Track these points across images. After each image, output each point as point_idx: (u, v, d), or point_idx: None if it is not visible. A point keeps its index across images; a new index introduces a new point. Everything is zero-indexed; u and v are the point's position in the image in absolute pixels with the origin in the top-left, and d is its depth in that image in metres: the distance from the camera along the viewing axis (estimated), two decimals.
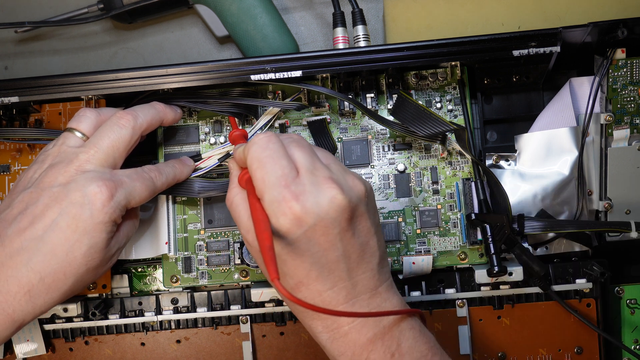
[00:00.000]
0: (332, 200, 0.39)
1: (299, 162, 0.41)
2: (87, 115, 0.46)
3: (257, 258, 0.43)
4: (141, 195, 0.45)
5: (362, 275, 0.41)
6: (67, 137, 0.45)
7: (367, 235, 0.42)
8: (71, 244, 0.41)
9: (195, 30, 0.62)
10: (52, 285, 0.41)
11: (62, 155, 0.44)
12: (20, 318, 0.41)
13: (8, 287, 0.40)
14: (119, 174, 0.44)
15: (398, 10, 0.57)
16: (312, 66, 0.48)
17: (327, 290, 0.41)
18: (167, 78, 0.49)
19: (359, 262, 0.41)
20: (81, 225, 0.41)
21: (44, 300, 0.41)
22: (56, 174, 0.43)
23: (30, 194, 0.43)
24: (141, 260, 0.54)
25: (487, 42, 0.48)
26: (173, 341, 0.54)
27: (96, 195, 0.42)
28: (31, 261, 0.41)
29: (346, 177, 0.42)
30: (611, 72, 0.50)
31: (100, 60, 0.62)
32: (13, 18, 0.63)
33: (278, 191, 0.39)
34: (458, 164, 0.52)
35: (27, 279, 0.41)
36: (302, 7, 0.62)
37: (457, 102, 0.53)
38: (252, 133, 0.52)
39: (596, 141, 0.50)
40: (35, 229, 0.41)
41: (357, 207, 0.41)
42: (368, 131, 0.53)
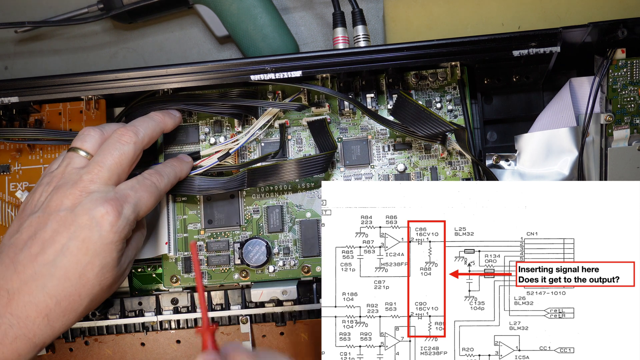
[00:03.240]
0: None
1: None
2: (90, 134, 0.46)
3: None
4: (147, 204, 0.45)
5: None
6: (72, 157, 0.45)
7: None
8: (83, 267, 0.42)
9: (195, 30, 0.62)
10: (69, 307, 0.42)
11: (67, 176, 0.44)
12: (40, 342, 0.42)
13: (27, 313, 0.41)
14: (122, 189, 0.44)
15: (398, 10, 0.57)
16: (312, 66, 0.48)
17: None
18: (167, 78, 0.49)
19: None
20: (92, 247, 0.42)
21: (62, 322, 0.42)
22: (62, 197, 0.43)
23: (38, 219, 0.43)
24: (141, 260, 0.54)
25: (487, 42, 0.48)
26: (173, 341, 0.54)
27: (103, 217, 0.42)
28: (46, 287, 0.41)
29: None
30: (611, 72, 0.50)
31: (100, 60, 0.62)
32: (13, 18, 0.63)
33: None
34: (458, 164, 0.52)
35: (44, 303, 0.41)
36: (302, 7, 0.62)
37: (457, 102, 0.53)
38: (252, 133, 0.52)
39: (596, 141, 0.50)
40: (47, 255, 0.42)
41: None
42: (368, 131, 0.53)
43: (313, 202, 0.53)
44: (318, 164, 0.50)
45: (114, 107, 0.55)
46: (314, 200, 0.53)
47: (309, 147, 0.53)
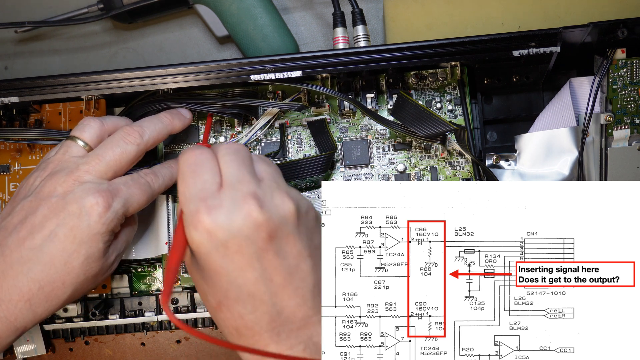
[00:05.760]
0: (247, 217, 0.38)
1: (225, 175, 0.40)
2: (90, 124, 0.46)
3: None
4: (139, 201, 0.45)
5: (288, 302, 0.39)
6: (70, 145, 0.46)
7: (296, 258, 0.39)
8: (69, 254, 0.42)
9: (195, 30, 0.62)
10: (52, 293, 0.42)
11: (63, 164, 0.44)
12: (22, 325, 0.42)
13: (10, 296, 0.41)
14: (115, 183, 0.44)
15: (398, 10, 0.57)
16: (312, 66, 0.48)
17: (249, 314, 0.39)
18: (167, 78, 0.49)
19: (285, 287, 0.39)
20: (79, 236, 0.42)
21: (44, 308, 0.42)
22: (55, 183, 0.43)
23: (30, 203, 0.43)
24: (141, 260, 0.54)
25: (487, 42, 0.48)
26: (173, 341, 0.54)
27: (93, 207, 0.42)
28: (31, 271, 0.41)
29: (274, 193, 0.40)
30: (611, 72, 0.50)
31: (100, 60, 0.62)
32: (13, 18, 0.63)
33: (194, 204, 0.38)
34: (458, 164, 0.52)
35: (27, 288, 0.41)
36: (302, 7, 0.62)
37: (457, 102, 0.53)
38: (252, 133, 0.52)
39: (596, 141, 0.50)
40: (35, 240, 0.42)
41: (281, 226, 0.39)
42: (368, 131, 0.53)
43: (313, 202, 0.53)
44: (318, 164, 0.50)
45: (114, 107, 0.55)
46: (313, 200, 0.53)
47: (309, 147, 0.54)
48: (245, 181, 0.40)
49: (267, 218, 0.38)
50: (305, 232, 0.41)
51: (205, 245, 0.38)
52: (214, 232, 0.38)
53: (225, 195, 0.39)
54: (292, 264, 0.39)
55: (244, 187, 0.39)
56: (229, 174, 0.40)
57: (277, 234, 0.39)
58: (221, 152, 0.42)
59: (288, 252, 0.39)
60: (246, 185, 0.39)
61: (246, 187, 0.39)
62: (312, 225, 0.42)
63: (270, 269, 0.39)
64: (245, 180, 0.40)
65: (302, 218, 0.41)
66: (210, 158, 0.41)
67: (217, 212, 0.38)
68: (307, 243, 0.40)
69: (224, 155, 0.41)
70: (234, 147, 0.42)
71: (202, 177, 0.40)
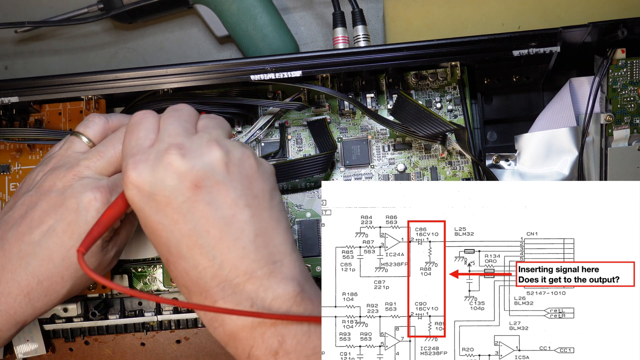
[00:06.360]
0: (167, 167, 0.37)
1: (160, 132, 0.40)
2: (95, 121, 0.46)
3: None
4: None
5: (228, 254, 0.37)
6: (73, 141, 0.46)
7: (231, 208, 0.38)
8: (67, 249, 0.42)
9: (195, 30, 0.62)
10: (50, 288, 0.42)
11: (65, 159, 0.45)
12: (21, 319, 0.42)
13: (9, 290, 0.41)
14: (115, 179, 0.44)
15: (398, 10, 0.57)
16: (312, 66, 0.48)
17: (192, 269, 0.38)
18: (167, 78, 0.49)
19: (221, 238, 0.37)
20: (77, 231, 0.42)
21: (43, 302, 0.42)
22: (55, 179, 0.43)
23: (30, 198, 0.43)
24: (141, 260, 0.54)
25: (487, 42, 0.48)
26: (173, 341, 0.54)
27: (90, 202, 0.42)
28: (30, 265, 0.42)
29: (203, 143, 0.39)
30: (611, 72, 0.50)
31: (100, 60, 0.62)
32: (13, 18, 0.63)
33: (125, 161, 0.39)
34: (458, 164, 0.52)
35: (26, 282, 0.42)
36: (302, 7, 0.62)
37: (457, 102, 0.53)
38: (252, 133, 0.52)
39: (596, 141, 0.50)
40: (34, 234, 0.42)
41: (207, 175, 0.38)
42: (368, 131, 0.53)
43: (313, 202, 0.53)
44: (318, 164, 0.50)
45: (114, 107, 0.55)
46: (314, 200, 0.53)
47: (309, 147, 0.54)
48: (174, 134, 0.39)
49: (189, 167, 0.38)
50: (239, 180, 0.39)
51: (137, 201, 0.38)
52: (140, 186, 0.38)
53: (152, 150, 0.39)
54: (226, 214, 0.38)
55: (171, 139, 0.39)
56: (162, 130, 0.40)
57: (204, 183, 0.38)
58: (165, 112, 0.42)
59: (221, 202, 0.38)
60: (173, 137, 0.39)
61: (173, 139, 0.39)
62: (250, 173, 0.40)
63: (203, 220, 0.37)
64: (174, 133, 0.40)
65: (233, 166, 0.39)
66: (150, 117, 0.41)
67: (142, 165, 0.38)
68: (243, 192, 0.39)
69: (165, 113, 0.42)
70: (176, 106, 0.43)
71: (136, 134, 0.40)
